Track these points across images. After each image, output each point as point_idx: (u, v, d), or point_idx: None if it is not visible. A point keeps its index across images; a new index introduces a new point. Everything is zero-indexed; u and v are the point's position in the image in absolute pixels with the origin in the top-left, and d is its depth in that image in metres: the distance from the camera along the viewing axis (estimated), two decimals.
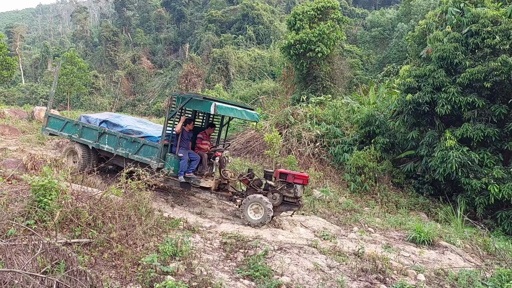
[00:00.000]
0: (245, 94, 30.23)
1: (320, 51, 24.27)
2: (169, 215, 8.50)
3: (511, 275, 6.60)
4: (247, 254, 7.09)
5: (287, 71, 28.19)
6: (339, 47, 31.54)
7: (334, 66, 27.53)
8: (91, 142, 10.25)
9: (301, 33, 24.15)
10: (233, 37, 50.00)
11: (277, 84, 31.08)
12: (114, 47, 59.14)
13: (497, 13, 14.22)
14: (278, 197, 8.97)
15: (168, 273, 5.86)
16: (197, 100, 9.04)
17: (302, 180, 8.98)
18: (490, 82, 13.22)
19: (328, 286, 6.29)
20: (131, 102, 46.72)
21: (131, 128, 10.06)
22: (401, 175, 15.25)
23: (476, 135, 13.15)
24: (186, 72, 41.02)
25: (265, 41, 50.24)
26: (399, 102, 15.51)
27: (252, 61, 42.62)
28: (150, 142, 9.51)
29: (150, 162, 9.23)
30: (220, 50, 41.82)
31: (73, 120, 11.04)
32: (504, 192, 12.20)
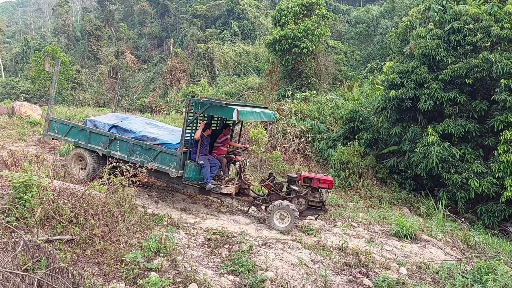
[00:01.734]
0: (230, 90, 30.14)
1: (305, 47, 24.32)
2: (153, 211, 8.44)
3: (490, 267, 6.75)
4: (231, 249, 7.10)
5: (272, 66, 28.18)
6: (324, 43, 31.64)
7: (319, 62, 27.62)
8: (101, 148, 9.61)
9: (286, 29, 24.15)
10: (218, 33, 49.72)
11: (262, 80, 31.05)
12: (97, 41, 58.23)
13: (478, 10, 14.44)
14: (303, 202, 8.77)
15: (152, 269, 5.84)
16: (217, 106, 8.59)
17: (327, 184, 8.77)
18: (471, 79, 13.44)
19: (312, 281, 6.34)
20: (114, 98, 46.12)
21: (145, 135, 9.47)
22: (384, 170, 15.44)
23: (457, 130, 13.37)
24: (170, 68, 40.64)
25: (250, 36, 50.10)
26: (383, 98, 15.67)
27: (237, 56, 42.47)
28: (167, 149, 9.03)
29: (169, 170, 8.85)
30: (205, 45, 41.53)
31: (79, 125, 10.31)
32: (484, 187, 12.45)
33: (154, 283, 5.24)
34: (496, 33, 13.43)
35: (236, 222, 8.81)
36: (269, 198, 9.07)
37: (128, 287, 5.45)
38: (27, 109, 20.65)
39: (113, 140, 9.53)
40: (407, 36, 18.08)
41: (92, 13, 79.66)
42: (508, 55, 13.16)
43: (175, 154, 8.86)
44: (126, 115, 11.84)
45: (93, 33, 58.03)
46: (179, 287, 5.56)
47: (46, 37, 78.26)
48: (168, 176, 9.12)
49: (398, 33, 19.60)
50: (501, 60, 12.98)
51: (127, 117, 11.06)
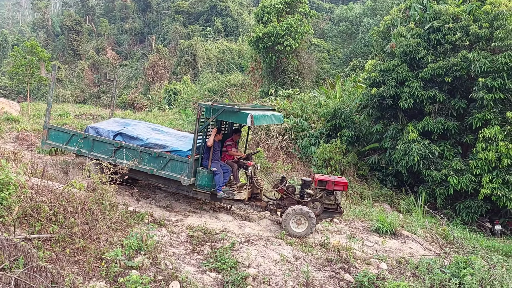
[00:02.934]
0: (213, 87, 29.99)
1: (288, 45, 24.37)
2: (134, 209, 8.35)
3: (468, 262, 6.90)
4: (214, 247, 7.08)
5: (255, 64, 28.17)
6: (307, 41, 31.76)
7: (302, 60, 27.72)
8: (106, 157, 9.07)
9: (269, 26, 24.15)
10: (201, 29, 49.41)
11: (245, 77, 31.01)
12: (77, 37, 57.19)
13: (458, 10, 14.71)
14: (319, 206, 8.64)
15: (133, 267, 5.77)
16: (230, 112, 8.27)
17: (342, 187, 8.64)
18: (450, 77, 13.70)
19: (294, 277, 6.38)
20: (95, 94, 45.44)
21: (153, 142, 9.09)
22: (366, 167, 15.62)
23: (437, 128, 13.62)
24: (152, 64, 40.22)
25: (233, 33, 49.94)
26: (364, 96, 15.85)
27: (220, 53, 42.29)
28: (178, 157, 8.67)
29: (181, 178, 8.53)
30: (187, 41, 41.21)
31: (81, 132, 9.73)
32: (463, 183, 12.73)
33: (135, 281, 5.19)
34: (474, 32, 13.71)
35: (219, 220, 8.79)
36: (283, 202, 8.90)
37: (108, 285, 5.38)
38: (5, 106, 20.14)
39: (118, 148, 9.10)
40: (388, 34, 18.30)
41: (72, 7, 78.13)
42: (486, 54, 13.46)
43: (187, 161, 8.51)
44: (128, 120, 11.19)
45: (73, 28, 56.98)
46: (160, 284, 5.52)
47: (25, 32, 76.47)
48: (178, 183, 8.82)
49: (380, 32, 19.82)
50: (479, 59, 13.26)
51: (130, 123, 10.53)
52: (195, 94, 28.63)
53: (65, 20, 58.22)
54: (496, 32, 13.40)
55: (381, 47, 18.76)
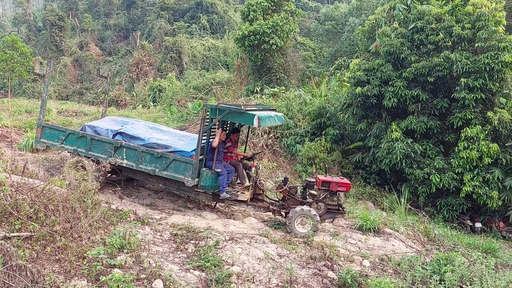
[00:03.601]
0: (199, 84, 29.82)
1: (274, 43, 24.37)
2: (117, 207, 8.26)
3: (449, 259, 7.01)
4: (198, 245, 7.05)
5: (241, 62, 28.11)
6: (293, 40, 31.83)
7: (288, 58, 27.77)
8: (105, 157, 8.88)
9: (255, 24, 24.11)
10: (186, 26, 49.05)
11: (231, 75, 30.93)
12: (60, 32, 56.17)
13: (441, 10, 14.91)
14: (322, 206, 8.76)
15: (115, 266, 5.72)
16: (236, 113, 8.17)
17: (346, 188, 8.81)
18: (433, 77, 13.89)
19: (278, 274, 6.39)
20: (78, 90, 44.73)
21: (155, 142, 8.91)
22: (350, 165, 15.74)
23: (420, 127, 13.80)
24: (137, 60, 39.78)
25: (219, 31, 49.72)
26: (349, 95, 15.95)
27: (206, 50, 42.07)
28: (182, 157, 8.54)
29: (184, 179, 8.43)
30: (173, 38, 40.87)
31: (78, 131, 9.37)
32: (445, 181, 12.94)
33: (117, 280, 5.14)
34: (457, 33, 13.91)
35: (203, 218, 8.76)
36: (287, 203, 8.94)
37: (90, 284, 5.31)
38: None
39: (118, 148, 8.88)
40: (373, 34, 18.47)
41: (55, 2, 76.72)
42: (468, 55, 13.68)
43: (191, 162, 8.41)
44: (126, 118, 10.90)
45: (56, 23, 55.96)
46: (143, 283, 5.48)
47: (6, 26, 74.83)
48: (179, 183, 8.78)
49: (364, 31, 19.99)
50: (461, 60, 13.47)
51: (127, 121, 10.26)
52: (180, 91, 28.42)
53: (48, 15, 57.13)
54: (478, 33, 13.63)
55: (366, 46, 18.94)
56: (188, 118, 20.46)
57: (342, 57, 31.44)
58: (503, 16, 14.08)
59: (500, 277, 6.66)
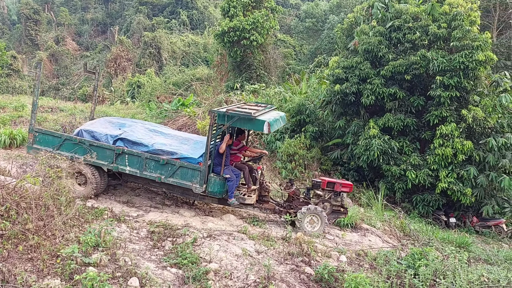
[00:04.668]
0: (178, 80, 29.49)
1: (254, 40, 24.32)
2: (93, 205, 8.13)
3: (423, 253, 7.15)
4: (175, 242, 7.00)
5: (221, 58, 27.96)
6: (273, 36, 31.84)
7: (268, 55, 27.76)
8: (106, 163, 8.61)
9: (235, 21, 24.00)
10: (165, 21, 48.47)
11: (211, 71, 30.74)
12: (35, 26, 54.76)
13: (418, 9, 15.14)
14: (328, 206, 8.99)
15: (90, 264, 5.63)
16: (246, 119, 7.96)
17: (349, 188, 9.10)
18: (410, 75, 14.11)
19: (255, 271, 6.40)
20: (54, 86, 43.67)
21: (160, 148, 8.60)
22: (329, 162, 15.87)
23: (397, 124, 14.02)
24: (115, 56, 39.13)
25: (199, 26, 49.32)
26: (328, 92, 16.07)
27: (186, 46, 41.66)
28: (189, 164, 8.33)
29: (192, 186, 8.28)
30: (152, 34, 40.32)
31: (76, 137, 8.88)
32: (420, 178, 13.19)
33: (92, 278, 5.05)
34: (433, 32, 14.16)
35: (181, 215, 8.69)
36: (293, 204, 9.10)
37: (64, 283, 5.21)
38: None
39: (120, 154, 8.58)
40: (352, 32, 18.62)
41: None
42: (443, 54, 13.95)
43: (198, 169, 8.25)
44: (121, 119, 10.52)
45: (31, 17, 54.52)
46: (118, 281, 5.40)
47: None
48: (183, 189, 8.68)
49: (343, 29, 20.15)
50: (437, 58, 13.72)
51: (124, 123, 9.76)
52: (159, 87, 28.07)
53: (22, 8, 55.60)
54: (453, 32, 13.89)
55: (345, 44, 19.09)
56: (168, 115, 20.25)
57: (322, 54, 31.62)
58: (478, 16, 14.39)
59: (472, 270, 6.83)
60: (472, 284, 5.99)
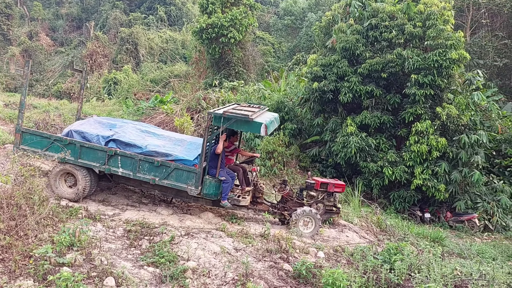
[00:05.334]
0: (156, 77, 29.13)
1: (232, 37, 24.23)
2: (67, 204, 7.95)
3: (398, 248, 7.28)
4: (152, 241, 6.92)
5: (199, 55, 27.75)
6: (252, 34, 31.79)
7: (247, 52, 27.69)
8: (97, 165, 8.39)
9: (213, 17, 23.84)
10: (143, 17, 47.70)
11: (189, 68, 30.49)
12: (7, 20, 53.04)
13: (394, 8, 15.37)
14: (321, 207, 9.07)
15: (64, 264, 5.51)
16: (242, 121, 7.89)
17: (341, 188, 9.26)
18: (386, 73, 14.33)
19: (234, 268, 6.39)
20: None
21: (154, 150, 8.43)
22: (307, 159, 15.99)
23: (374, 122, 14.23)
24: (91, 52, 38.30)
25: (177, 23, 48.76)
26: (306, 90, 16.18)
27: (164, 43, 41.14)
28: (184, 166, 8.22)
29: (187, 188, 8.18)
30: (128, 29, 39.62)
31: (66, 138, 8.54)
32: (397, 174, 13.43)
33: (66, 279, 4.93)
34: (409, 31, 14.41)
35: (158, 213, 8.59)
36: (287, 205, 9.13)
37: (37, 284, 5.09)
38: None
39: (113, 156, 8.37)
40: (330, 30, 18.76)
41: None
42: (418, 52, 14.22)
43: (194, 171, 8.16)
44: (111, 119, 10.18)
45: (3, 11, 52.80)
46: (94, 281, 5.30)
47: None
48: (176, 190, 8.57)
49: (321, 27, 20.28)
50: (412, 57, 13.98)
51: (115, 124, 9.49)
52: (136, 84, 27.66)
53: None
54: (428, 31, 14.18)
55: (323, 42, 19.22)
56: (145, 112, 19.98)
57: (301, 52, 31.76)
58: (451, 15, 14.71)
59: (446, 264, 7.01)
60: (446, 277, 6.13)
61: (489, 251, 10.55)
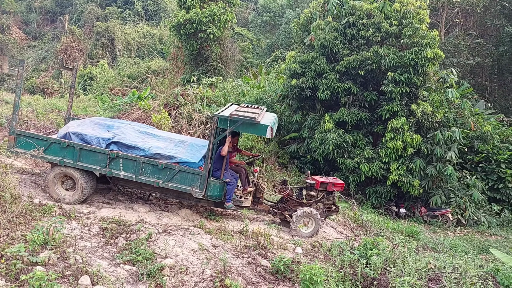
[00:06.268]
0: (133, 72, 28.68)
1: (211, 32, 24.06)
2: (41, 201, 7.76)
3: (374, 243, 7.40)
4: (129, 238, 6.83)
5: (177, 50, 27.46)
6: (230, 30, 31.64)
7: (225, 49, 27.55)
8: (98, 168, 8.26)
9: (192, 13, 23.60)
10: (119, 11, 46.82)
11: (167, 63, 30.13)
12: None
13: (371, 6, 15.55)
14: (321, 206, 9.18)
15: (38, 263, 5.38)
16: (249, 124, 7.99)
17: (340, 187, 9.41)
18: (363, 71, 14.51)
19: (212, 265, 6.37)
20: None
21: (157, 152, 8.36)
22: (286, 155, 16.06)
23: (351, 119, 14.39)
24: (65, 46, 37.34)
25: (154, 18, 48.08)
26: (285, 86, 16.22)
27: (141, 38, 40.49)
28: (189, 168, 8.21)
29: (192, 190, 8.20)
30: (104, 24, 38.82)
31: (64, 140, 8.32)
32: (373, 170, 13.64)
33: (40, 278, 4.81)
34: (385, 29, 14.61)
35: (135, 211, 8.48)
36: (287, 205, 9.22)
37: (9, 283, 4.95)
38: None
39: (114, 159, 8.27)
40: (308, 27, 18.81)
41: None
42: (395, 50, 14.44)
43: (199, 173, 8.18)
44: (108, 120, 9.94)
45: None
46: (69, 280, 5.20)
47: None
48: (178, 192, 8.55)
49: (300, 24, 20.30)
50: (389, 54, 14.19)
51: (112, 125, 9.32)
52: (112, 79, 27.17)
53: None
54: (404, 30, 14.41)
55: (301, 39, 19.27)
56: (122, 108, 19.66)
57: (279, 49, 31.82)
58: (427, 14, 14.99)
59: (420, 258, 7.15)
60: (420, 271, 6.26)
61: (462, 245, 10.85)
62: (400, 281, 5.70)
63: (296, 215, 8.70)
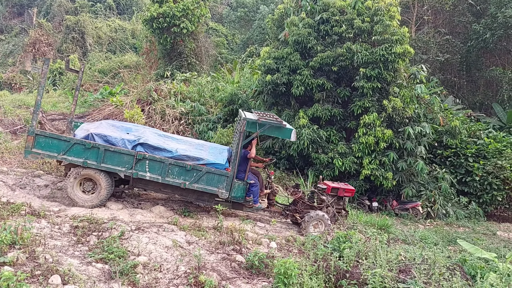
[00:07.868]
0: (104, 67, 28.11)
1: (184, 27, 23.82)
2: (8, 200, 7.53)
3: (347, 236, 7.53)
4: (101, 237, 6.71)
5: (150, 45, 27.06)
6: (204, 25, 31.40)
7: (200, 44, 27.34)
8: (123, 169, 8.27)
9: (165, 7, 23.29)
10: (90, 5, 45.70)
11: (140, 58, 29.67)
12: None
13: (344, 3, 15.71)
14: (331, 211, 9.49)
15: (6, 263, 5.24)
16: (275, 127, 8.60)
17: (351, 193, 9.80)
18: (336, 67, 14.66)
19: (186, 262, 6.34)
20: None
21: (185, 154, 8.54)
22: (261, 151, 16.08)
23: (325, 114, 14.54)
24: (33, 40, 36.19)
25: (126, 11, 47.17)
26: (260, 82, 16.23)
27: (112, 32, 39.65)
28: (216, 170, 8.49)
29: (218, 191, 8.51)
30: (74, 17, 37.82)
31: (88, 141, 8.21)
32: (346, 165, 13.85)
33: (8, 278, 4.68)
34: (358, 26, 14.80)
35: (108, 208, 8.33)
36: (298, 207, 9.52)
37: None
38: None
39: (140, 160, 8.31)
40: (282, 23, 18.85)
41: None
42: (367, 47, 14.65)
43: (226, 174, 8.49)
44: (124, 124, 9.84)
45: None
46: (38, 280, 5.07)
47: None
48: (198, 193, 8.78)
49: (274, 20, 20.34)
50: (361, 51, 14.38)
51: (130, 127, 9.37)
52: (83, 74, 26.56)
53: None
54: (375, 27, 14.63)
55: (276, 35, 19.30)
56: (93, 104, 19.27)
57: (254, 44, 31.81)
58: (397, 11, 15.27)
59: (391, 250, 7.32)
60: (391, 262, 6.42)
61: (431, 236, 11.17)
62: (372, 273, 5.82)
63: (309, 216, 9.01)
